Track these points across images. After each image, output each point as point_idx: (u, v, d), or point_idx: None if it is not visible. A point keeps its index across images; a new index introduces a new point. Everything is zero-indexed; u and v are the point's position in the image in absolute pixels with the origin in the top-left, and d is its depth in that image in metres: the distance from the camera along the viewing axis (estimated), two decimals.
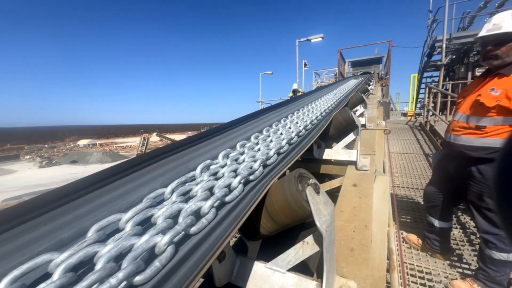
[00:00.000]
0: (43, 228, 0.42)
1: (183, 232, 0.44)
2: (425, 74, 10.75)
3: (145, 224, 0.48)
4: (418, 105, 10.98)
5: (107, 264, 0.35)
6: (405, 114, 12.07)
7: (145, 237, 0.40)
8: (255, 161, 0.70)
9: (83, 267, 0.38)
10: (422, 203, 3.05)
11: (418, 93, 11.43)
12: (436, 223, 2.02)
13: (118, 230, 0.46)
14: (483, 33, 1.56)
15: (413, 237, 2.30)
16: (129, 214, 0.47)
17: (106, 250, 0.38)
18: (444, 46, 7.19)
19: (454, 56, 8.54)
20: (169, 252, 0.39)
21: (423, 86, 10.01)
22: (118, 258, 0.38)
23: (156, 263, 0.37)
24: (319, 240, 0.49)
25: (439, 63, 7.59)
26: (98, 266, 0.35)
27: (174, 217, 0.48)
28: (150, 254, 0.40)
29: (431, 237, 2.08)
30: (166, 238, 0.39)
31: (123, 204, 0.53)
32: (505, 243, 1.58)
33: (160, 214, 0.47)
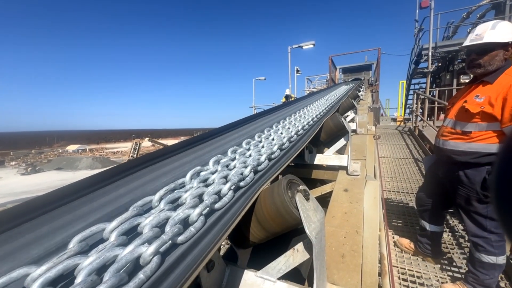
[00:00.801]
0: (21, 239, 0.40)
1: (170, 242, 0.43)
2: (413, 81, 11.08)
3: (131, 234, 0.47)
4: (407, 110, 11.27)
5: (88, 277, 0.34)
6: (394, 120, 12.35)
7: (129, 248, 0.39)
8: (246, 167, 0.69)
9: (63, 281, 0.36)
10: (413, 207, 3.10)
11: (406, 99, 11.74)
12: (428, 226, 2.04)
13: (102, 241, 0.44)
14: (467, 42, 1.63)
15: (404, 241, 2.31)
16: (114, 223, 0.45)
17: (88, 262, 0.36)
18: (430, 54, 7.45)
19: (440, 64, 8.85)
20: (154, 263, 0.37)
21: (411, 92, 10.30)
22: (101, 271, 0.36)
23: (140, 275, 0.35)
24: (309, 247, 0.49)
25: (426, 70, 7.85)
26: (79, 279, 0.33)
27: (161, 226, 0.46)
28: (135, 265, 0.39)
29: (423, 241, 2.10)
30: (151, 248, 0.38)
31: (109, 212, 0.51)
32: (494, 246, 1.61)
33: (147, 223, 0.46)
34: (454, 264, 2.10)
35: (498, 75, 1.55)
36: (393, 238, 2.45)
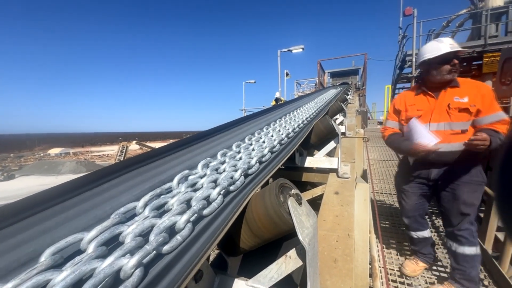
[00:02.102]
0: None
1: (154, 252, 0.40)
2: (398, 86, 11.44)
3: (112, 244, 0.43)
4: None
5: None
6: (381, 123, 12.70)
7: (109, 260, 0.36)
8: (236, 170, 0.67)
9: None
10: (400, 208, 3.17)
11: None
12: (427, 233, 2.04)
13: (79, 252, 0.41)
14: (452, 49, 1.70)
15: (410, 265, 2.09)
16: (92, 232, 0.42)
17: (61, 278, 0.32)
18: (413, 60, 7.74)
19: (422, 70, 9.20)
20: (136, 276, 0.34)
21: (396, 96, 10.62)
22: (76, 287, 0.33)
23: None
24: (302, 254, 0.47)
25: (409, 75, 8.14)
26: None
27: (145, 235, 0.43)
28: (115, 279, 0.35)
29: (426, 250, 2.07)
30: (133, 260, 0.35)
31: (88, 221, 0.48)
32: (474, 236, 1.71)
33: (130, 232, 0.43)
34: (440, 263, 2.15)
35: (456, 81, 1.77)
36: (396, 266, 2.39)
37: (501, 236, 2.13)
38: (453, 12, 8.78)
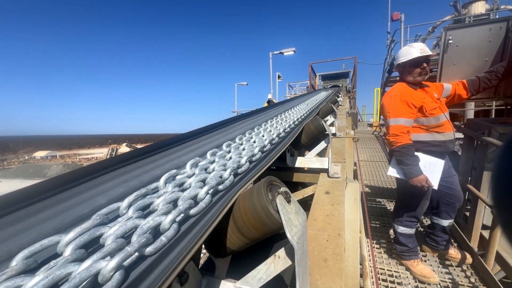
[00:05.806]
0: None
1: (136, 254, 0.38)
2: (387, 89, 11.69)
3: (93, 247, 0.41)
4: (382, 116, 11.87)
5: None
6: (370, 125, 12.96)
7: (86, 263, 0.34)
8: (225, 169, 0.66)
9: None
10: (389, 208, 3.22)
11: None
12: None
13: (56, 256, 0.38)
14: (427, 52, 1.90)
15: (426, 271, 2.05)
16: (70, 235, 0.39)
17: (33, 284, 0.30)
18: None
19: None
20: (115, 280, 0.32)
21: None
22: None
23: None
24: (291, 253, 0.46)
25: (397, 78, 8.37)
26: None
27: (128, 236, 0.41)
28: (93, 284, 0.33)
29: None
30: (112, 263, 0.33)
31: (67, 223, 0.45)
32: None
33: (111, 234, 0.40)
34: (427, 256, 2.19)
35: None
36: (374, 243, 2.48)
37: (486, 234, 2.19)
38: (438, 18, 9.12)
